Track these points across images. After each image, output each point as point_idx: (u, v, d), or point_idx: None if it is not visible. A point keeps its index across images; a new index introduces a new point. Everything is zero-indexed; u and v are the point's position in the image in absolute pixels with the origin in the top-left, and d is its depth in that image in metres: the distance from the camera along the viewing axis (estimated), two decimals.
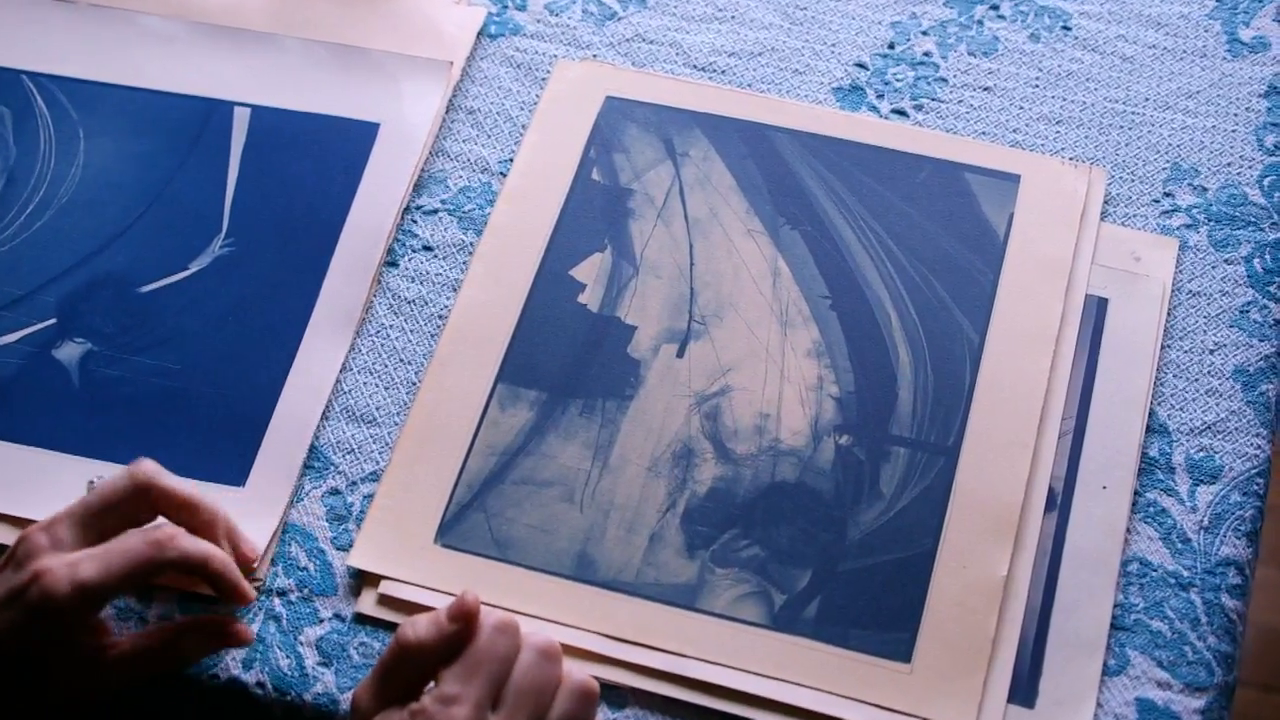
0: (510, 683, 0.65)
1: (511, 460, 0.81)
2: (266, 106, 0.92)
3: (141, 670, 0.72)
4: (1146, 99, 0.90)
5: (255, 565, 0.76)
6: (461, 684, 0.64)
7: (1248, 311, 0.83)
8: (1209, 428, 0.80)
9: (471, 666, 0.65)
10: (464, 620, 0.66)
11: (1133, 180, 0.88)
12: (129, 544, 0.68)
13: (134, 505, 0.71)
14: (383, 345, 0.85)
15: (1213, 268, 0.85)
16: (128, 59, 0.95)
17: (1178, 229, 0.86)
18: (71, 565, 0.67)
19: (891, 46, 0.93)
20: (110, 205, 0.90)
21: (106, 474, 0.74)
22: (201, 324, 0.85)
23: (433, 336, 0.85)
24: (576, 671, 0.67)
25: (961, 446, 0.79)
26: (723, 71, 0.93)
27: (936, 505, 0.78)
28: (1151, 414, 0.80)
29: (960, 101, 0.91)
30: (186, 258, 0.88)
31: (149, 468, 0.72)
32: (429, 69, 0.93)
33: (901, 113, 0.91)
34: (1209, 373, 0.81)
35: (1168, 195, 0.87)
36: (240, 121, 0.92)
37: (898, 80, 0.92)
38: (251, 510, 0.79)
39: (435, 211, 0.89)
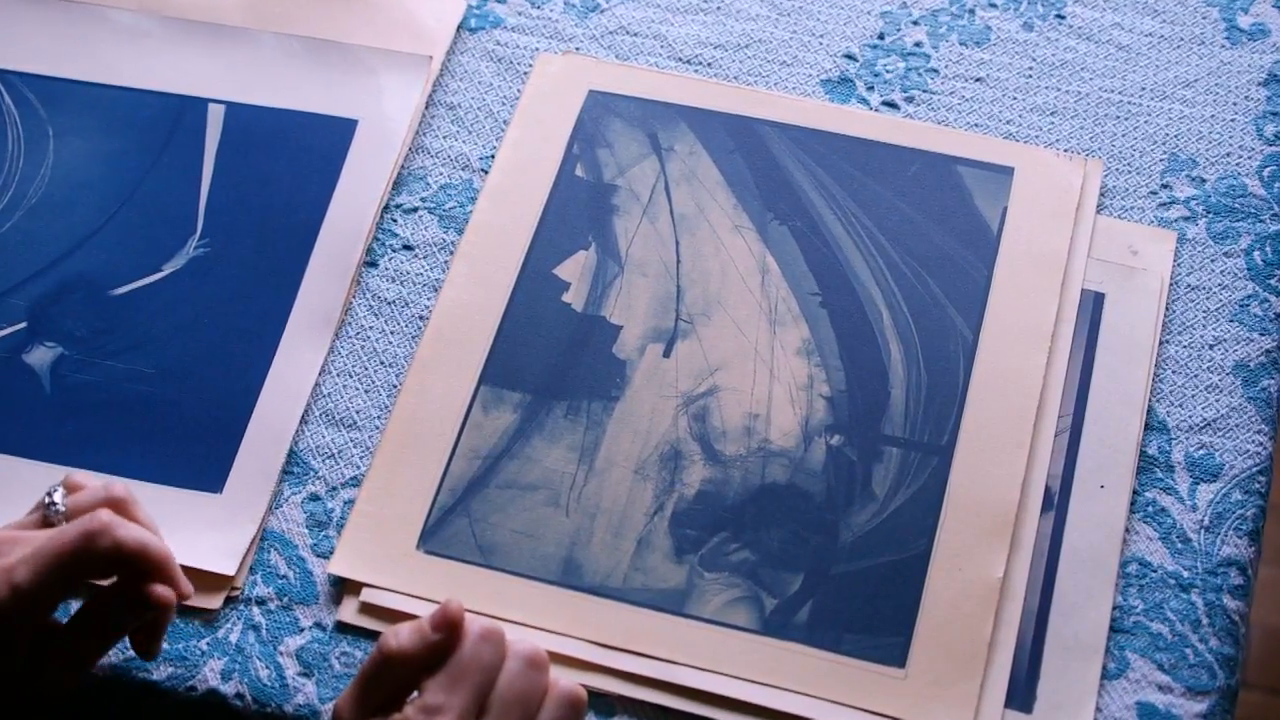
0: (495, 692, 0.65)
1: (495, 464, 0.80)
2: (241, 103, 0.92)
3: (81, 660, 0.70)
4: (1143, 88, 0.90)
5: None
6: (445, 694, 0.64)
7: (1248, 305, 0.82)
8: (1209, 424, 0.79)
9: (455, 676, 0.64)
10: (448, 628, 0.65)
11: (1129, 172, 0.87)
12: (61, 538, 0.67)
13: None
14: (362, 347, 0.84)
15: (1212, 261, 0.84)
16: (98, 55, 0.94)
17: (1176, 221, 0.85)
18: (7, 571, 0.66)
19: (881, 37, 0.92)
20: (81, 206, 0.89)
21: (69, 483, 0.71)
22: (176, 327, 0.85)
23: (414, 338, 0.84)
24: (563, 680, 0.67)
25: (956, 446, 0.79)
26: (708, 64, 0.92)
27: (931, 506, 0.77)
28: (1150, 411, 0.80)
29: (952, 93, 0.90)
30: (160, 259, 0.87)
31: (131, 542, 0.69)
32: (408, 64, 0.92)
33: (892, 105, 0.90)
34: (1209, 368, 0.81)
35: (1165, 187, 0.86)
36: (214, 119, 0.91)
37: (888, 72, 0.91)
38: (229, 517, 0.79)
39: (415, 210, 0.88)
